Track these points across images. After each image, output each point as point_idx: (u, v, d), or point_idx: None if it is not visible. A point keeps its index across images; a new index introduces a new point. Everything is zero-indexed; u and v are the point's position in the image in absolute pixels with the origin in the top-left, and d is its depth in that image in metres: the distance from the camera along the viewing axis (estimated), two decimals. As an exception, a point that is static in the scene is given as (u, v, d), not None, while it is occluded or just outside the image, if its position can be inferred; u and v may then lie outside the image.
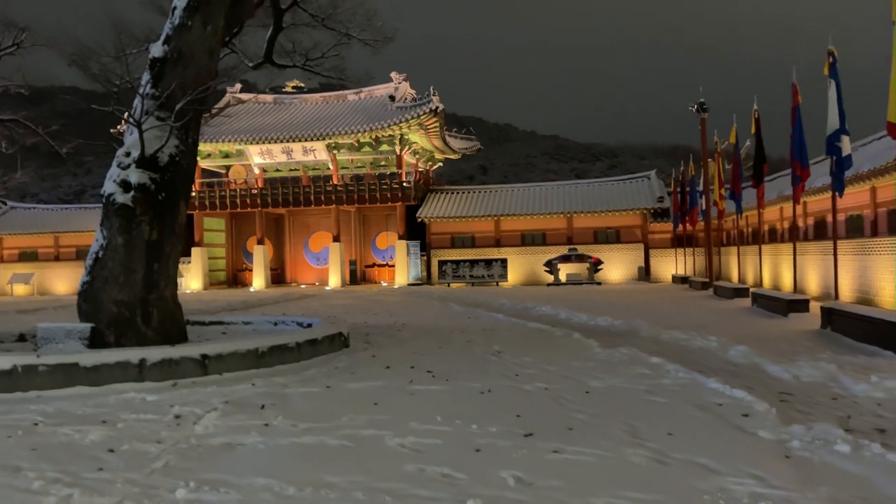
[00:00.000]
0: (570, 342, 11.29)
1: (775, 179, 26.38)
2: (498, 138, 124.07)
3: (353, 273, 38.69)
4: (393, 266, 37.71)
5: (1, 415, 6.74)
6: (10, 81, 19.67)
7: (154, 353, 8.30)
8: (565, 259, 33.65)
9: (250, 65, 14.31)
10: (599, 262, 33.45)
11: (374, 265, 40.51)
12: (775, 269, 22.88)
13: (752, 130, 17.77)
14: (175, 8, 10.42)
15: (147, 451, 5.36)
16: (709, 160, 26.86)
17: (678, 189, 31.02)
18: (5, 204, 41.88)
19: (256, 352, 8.96)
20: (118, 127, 33.49)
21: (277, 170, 40.92)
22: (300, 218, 41.41)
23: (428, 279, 36.19)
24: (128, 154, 9.84)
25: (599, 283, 32.85)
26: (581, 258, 33.61)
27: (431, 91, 34.61)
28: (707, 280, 25.63)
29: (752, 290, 19.12)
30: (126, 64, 10.19)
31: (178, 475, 4.76)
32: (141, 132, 9.62)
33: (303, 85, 43.39)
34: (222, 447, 5.48)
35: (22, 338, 11.48)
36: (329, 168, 38.79)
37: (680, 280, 30.78)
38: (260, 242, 38.37)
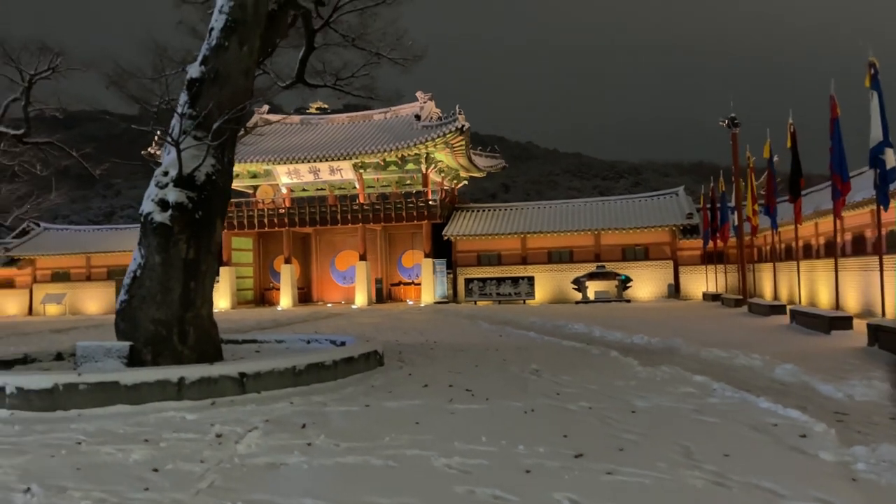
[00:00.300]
0: (609, 360, 11.07)
1: (810, 194, 25.91)
2: (520, 156, 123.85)
3: (379, 291, 38.69)
4: (419, 284, 37.62)
5: (43, 434, 6.75)
6: (45, 104, 20.16)
7: (193, 372, 8.28)
8: (593, 276, 33.32)
9: (282, 85, 14.44)
10: (628, 279, 33.05)
11: (400, 283, 40.46)
12: (811, 285, 22.38)
13: (788, 144, 17.48)
14: (212, 29, 10.55)
15: (191, 471, 5.30)
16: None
17: (707, 205, 30.60)
18: (38, 225, 42.60)
19: (293, 370, 8.90)
20: (149, 149, 34.08)
21: (304, 189, 41.21)
22: (327, 237, 41.58)
23: (454, 297, 36.03)
24: (165, 173, 9.92)
25: (628, 301, 32.44)
26: (609, 275, 33.25)
27: (457, 110, 34.69)
28: (741, 297, 25.13)
29: (789, 306, 18.70)
30: (166, 84, 10.31)
31: (224, 495, 4.69)
32: (179, 151, 9.70)
33: (326, 106, 43.76)
34: (266, 467, 5.40)
35: (59, 356, 11.57)
36: (355, 187, 38.97)
37: (711, 297, 30.26)
38: (287, 261, 38.55)
